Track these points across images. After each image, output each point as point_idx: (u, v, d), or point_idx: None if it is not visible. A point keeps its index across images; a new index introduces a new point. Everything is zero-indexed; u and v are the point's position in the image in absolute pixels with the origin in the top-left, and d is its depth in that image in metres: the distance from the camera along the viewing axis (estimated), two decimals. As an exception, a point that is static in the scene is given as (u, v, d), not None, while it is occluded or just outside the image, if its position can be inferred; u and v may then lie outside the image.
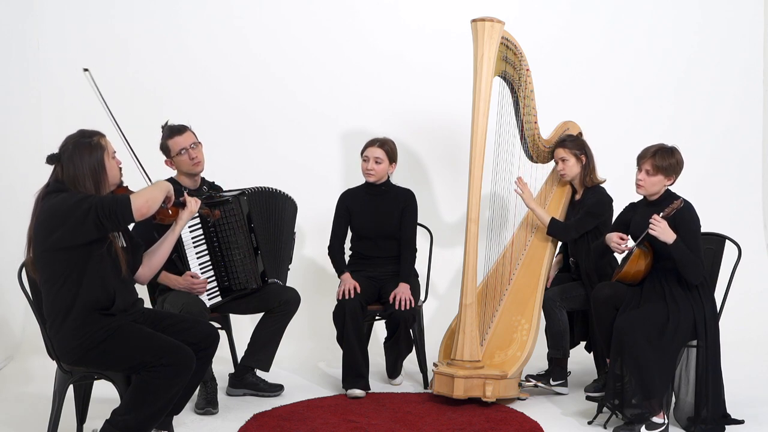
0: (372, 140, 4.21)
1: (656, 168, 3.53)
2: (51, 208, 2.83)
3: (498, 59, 3.89)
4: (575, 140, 4.17)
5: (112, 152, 3.00)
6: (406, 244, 4.20)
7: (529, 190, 4.21)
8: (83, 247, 2.85)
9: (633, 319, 3.42)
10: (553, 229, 4.11)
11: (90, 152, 2.91)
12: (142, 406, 2.91)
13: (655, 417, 3.38)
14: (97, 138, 2.96)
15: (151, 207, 2.93)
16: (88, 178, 2.89)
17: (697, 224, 3.50)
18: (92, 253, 2.88)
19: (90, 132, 2.98)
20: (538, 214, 4.17)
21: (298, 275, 4.67)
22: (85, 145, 2.92)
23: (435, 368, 3.87)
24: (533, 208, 4.18)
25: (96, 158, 2.92)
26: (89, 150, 2.91)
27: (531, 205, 4.18)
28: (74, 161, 2.89)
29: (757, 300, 5.29)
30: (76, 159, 2.89)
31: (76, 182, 2.89)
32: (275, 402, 3.89)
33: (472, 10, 4.13)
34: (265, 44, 5.23)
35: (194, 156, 3.78)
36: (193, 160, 3.79)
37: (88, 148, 2.91)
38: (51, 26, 5.06)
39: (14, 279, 3.14)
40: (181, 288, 3.69)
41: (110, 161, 2.97)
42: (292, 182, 4.61)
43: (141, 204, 2.87)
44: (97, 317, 2.90)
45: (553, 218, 4.12)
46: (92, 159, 2.91)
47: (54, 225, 2.81)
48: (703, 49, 5.54)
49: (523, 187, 4.19)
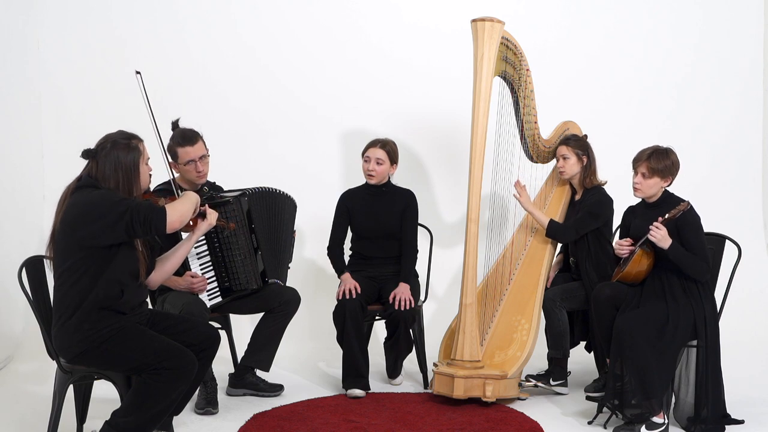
0: (373, 141, 4.21)
1: (652, 170, 3.54)
2: (90, 202, 2.84)
3: (498, 59, 3.89)
4: (579, 140, 4.17)
5: (146, 158, 3.03)
6: (408, 245, 4.20)
7: (527, 194, 4.21)
8: (106, 249, 2.87)
9: (633, 319, 3.43)
10: (552, 231, 4.11)
11: (127, 153, 2.93)
12: (142, 409, 2.90)
13: (655, 417, 3.38)
14: (135, 141, 2.98)
15: (183, 222, 3.02)
16: (122, 178, 2.91)
17: (698, 223, 3.51)
18: (114, 256, 2.90)
19: (130, 134, 3.00)
20: (537, 217, 4.17)
21: (298, 275, 4.68)
22: (123, 146, 2.94)
23: (435, 368, 3.87)
24: (531, 212, 4.18)
25: (132, 160, 2.94)
26: (127, 151, 2.94)
27: (529, 208, 4.18)
28: (110, 159, 2.91)
29: (757, 300, 5.29)
30: (112, 157, 2.91)
31: (109, 180, 2.91)
32: (275, 402, 3.89)
33: (472, 10, 4.13)
34: (264, 45, 5.23)
35: (201, 169, 3.78)
36: (200, 173, 3.79)
37: (125, 149, 2.94)
38: (51, 26, 5.06)
39: (14, 279, 3.13)
40: (182, 288, 3.69)
41: (143, 166, 3.00)
42: (292, 182, 4.61)
43: (175, 218, 2.94)
44: (103, 315, 2.90)
45: (551, 220, 4.12)
46: (128, 160, 2.93)
47: (89, 219, 2.82)
48: (703, 49, 5.54)
49: (521, 191, 4.19)
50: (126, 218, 2.82)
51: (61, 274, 2.92)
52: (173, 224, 2.93)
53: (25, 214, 4.82)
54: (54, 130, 5.03)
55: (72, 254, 2.87)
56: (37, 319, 3.11)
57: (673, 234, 3.45)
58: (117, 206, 2.83)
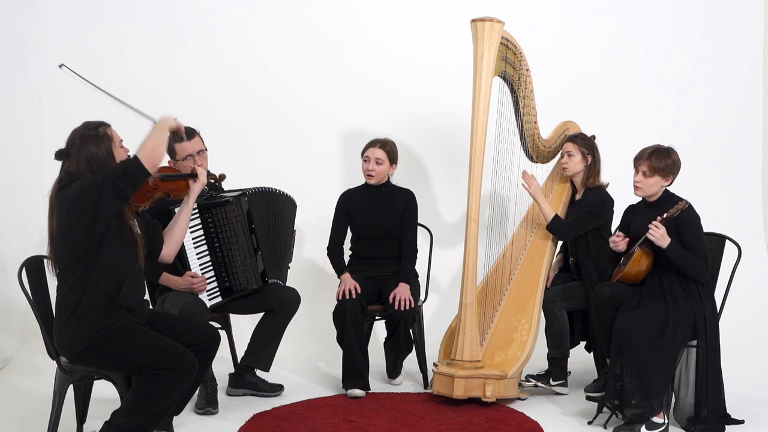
0: (373, 141, 4.21)
1: (653, 169, 3.54)
2: (71, 195, 2.83)
3: (498, 59, 3.89)
4: (587, 140, 4.16)
5: (119, 141, 2.99)
6: (408, 245, 4.20)
7: (537, 183, 4.17)
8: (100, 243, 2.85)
9: (633, 319, 3.42)
10: (553, 226, 4.10)
11: (98, 144, 2.91)
12: (142, 409, 2.90)
13: (655, 417, 3.38)
14: (102, 129, 2.95)
15: (159, 153, 2.89)
16: (99, 169, 2.88)
17: (698, 222, 3.51)
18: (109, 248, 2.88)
19: (95, 123, 2.97)
20: (543, 208, 4.13)
21: (298, 275, 4.67)
22: (91, 137, 2.91)
23: (435, 368, 3.87)
24: (539, 202, 4.13)
25: (104, 150, 2.91)
26: (96, 142, 2.91)
27: (538, 198, 4.12)
28: (82, 154, 2.89)
29: (757, 300, 5.29)
30: (84, 151, 2.89)
31: (87, 174, 2.88)
32: (275, 402, 3.89)
33: (472, 10, 4.13)
34: (264, 45, 5.23)
35: (199, 164, 3.77)
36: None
37: (95, 140, 2.91)
38: (51, 26, 5.06)
39: (14, 279, 3.13)
40: (182, 288, 3.70)
41: (118, 150, 2.96)
42: (292, 183, 4.61)
43: (149, 154, 2.84)
44: (105, 313, 2.90)
45: (556, 215, 4.10)
46: (100, 150, 2.91)
47: (79, 210, 2.81)
48: (703, 49, 5.54)
49: (529, 181, 4.16)
50: (107, 183, 2.78)
51: (62, 275, 2.92)
52: (151, 159, 2.83)
53: (25, 214, 4.82)
54: (54, 130, 5.02)
55: (69, 253, 2.87)
56: (37, 319, 3.11)
57: (673, 233, 3.45)
58: (93, 182, 2.80)
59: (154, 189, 3.15)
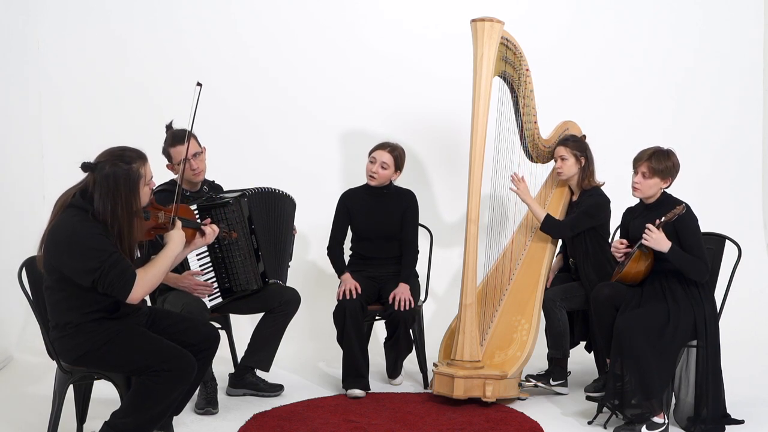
0: (383, 143, 4.20)
1: (652, 171, 3.54)
2: (73, 234, 2.75)
3: (498, 59, 3.89)
4: (578, 141, 4.17)
5: (149, 177, 2.92)
6: (408, 246, 4.20)
7: (525, 186, 4.20)
8: None
9: (633, 319, 3.42)
10: (546, 226, 4.10)
11: (126, 179, 2.80)
12: (142, 410, 2.90)
13: (655, 417, 3.38)
14: (137, 165, 2.84)
15: (151, 290, 2.91)
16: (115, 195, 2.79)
17: (696, 224, 3.51)
18: None
19: (132, 156, 2.84)
20: (534, 209, 4.16)
21: (298, 275, 4.67)
22: (122, 173, 2.80)
23: (435, 368, 3.87)
24: (529, 204, 4.17)
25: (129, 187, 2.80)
26: (125, 177, 2.80)
27: (527, 200, 4.17)
28: (107, 182, 2.78)
29: (757, 300, 5.29)
30: (110, 181, 2.78)
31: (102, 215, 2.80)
32: (275, 402, 3.89)
33: (472, 11, 4.13)
34: (263, 47, 5.23)
35: (195, 166, 3.76)
36: (195, 170, 3.77)
37: (124, 177, 2.80)
38: (51, 26, 5.07)
39: (14, 279, 3.13)
40: (182, 287, 3.69)
41: (143, 188, 2.88)
42: (292, 184, 4.58)
43: (140, 293, 2.83)
44: (100, 321, 2.89)
45: (548, 214, 4.11)
46: (126, 186, 2.80)
47: (66, 254, 2.76)
48: (703, 50, 5.54)
49: (518, 184, 4.18)
50: (95, 276, 2.75)
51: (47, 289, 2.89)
52: (136, 297, 2.82)
53: (25, 215, 4.82)
54: (54, 131, 5.04)
55: (56, 272, 2.83)
56: (37, 319, 3.10)
57: (672, 236, 3.45)
58: (93, 258, 2.73)
59: (162, 228, 3.06)
